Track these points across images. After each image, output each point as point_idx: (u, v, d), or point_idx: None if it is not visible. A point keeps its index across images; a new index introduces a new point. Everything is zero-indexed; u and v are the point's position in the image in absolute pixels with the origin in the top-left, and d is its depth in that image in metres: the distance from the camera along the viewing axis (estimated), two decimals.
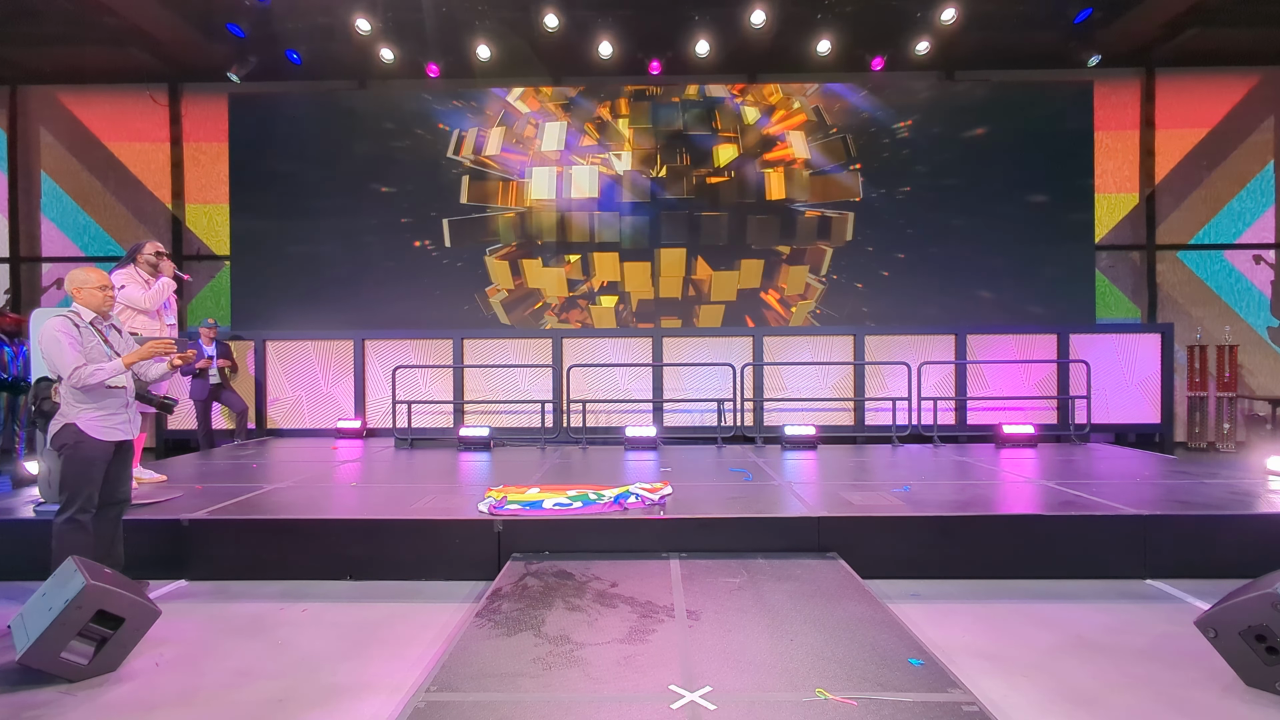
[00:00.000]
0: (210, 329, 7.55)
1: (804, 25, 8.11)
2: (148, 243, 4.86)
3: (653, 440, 6.83)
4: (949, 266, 8.78)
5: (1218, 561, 3.69)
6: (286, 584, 3.70)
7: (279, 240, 8.91)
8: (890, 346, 8.09)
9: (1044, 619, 3.18)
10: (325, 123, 8.96)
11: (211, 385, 7.46)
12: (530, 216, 8.96)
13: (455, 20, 7.98)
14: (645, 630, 2.74)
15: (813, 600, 3.04)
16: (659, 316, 8.97)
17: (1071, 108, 8.77)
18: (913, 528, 3.83)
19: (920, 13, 7.86)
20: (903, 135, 8.84)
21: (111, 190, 9.23)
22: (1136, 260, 9.08)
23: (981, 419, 7.92)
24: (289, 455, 6.55)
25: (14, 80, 9.05)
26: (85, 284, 3.33)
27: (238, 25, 7.94)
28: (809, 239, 8.89)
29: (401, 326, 8.58)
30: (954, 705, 2.12)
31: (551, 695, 2.23)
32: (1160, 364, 8.08)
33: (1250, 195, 8.97)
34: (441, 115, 8.98)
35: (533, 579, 3.34)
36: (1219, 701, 2.43)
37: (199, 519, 3.87)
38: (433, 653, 2.82)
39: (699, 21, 8.06)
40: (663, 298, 8.99)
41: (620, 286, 8.98)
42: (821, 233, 8.89)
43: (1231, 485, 4.69)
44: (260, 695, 2.52)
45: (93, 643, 2.63)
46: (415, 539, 3.82)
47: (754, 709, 2.13)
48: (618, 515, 3.91)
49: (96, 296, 3.33)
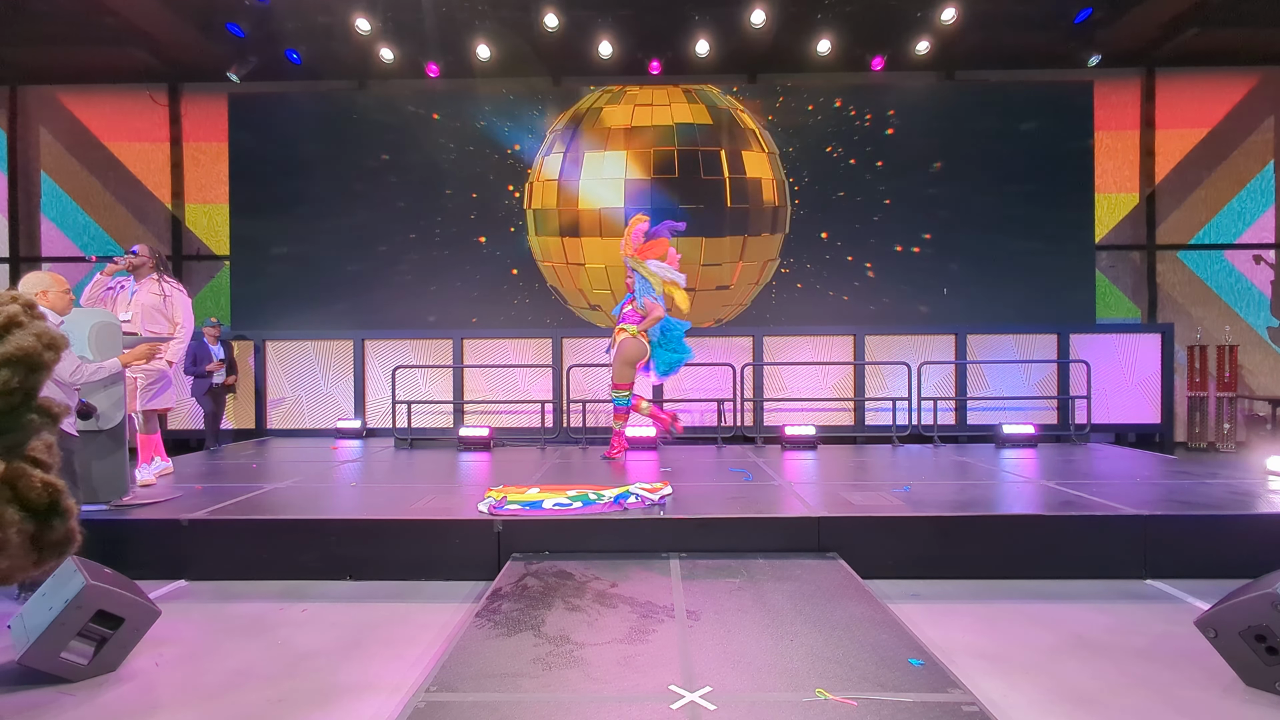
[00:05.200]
0: (214, 328, 7.55)
1: (804, 25, 8.10)
2: (136, 246, 4.97)
3: (653, 440, 6.83)
4: (949, 266, 8.78)
5: (1218, 561, 3.68)
6: (286, 584, 3.70)
7: (279, 240, 8.90)
8: (890, 346, 8.09)
9: (1044, 619, 3.18)
10: (325, 123, 8.96)
11: (214, 385, 7.46)
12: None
13: (455, 20, 7.98)
14: (645, 630, 2.74)
15: (813, 600, 3.04)
16: None
17: (1071, 108, 8.77)
18: (913, 528, 3.83)
19: (920, 13, 7.86)
20: (902, 135, 8.83)
21: (111, 190, 9.22)
22: (1136, 260, 9.08)
23: (981, 419, 7.93)
24: (289, 455, 6.55)
25: (14, 80, 9.05)
26: (52, 287, 3.54)
27: (238, 25, 7.94)
28: (802, 235, 8.89)
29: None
30: (954, 705, 2.12)
31: (551, 695, 2.23)
32: (1160, 364, 8.08)
33: (1250, 195, 8.97)
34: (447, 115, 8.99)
35: (533, 579, 3.34)
36: (1219, 701, 2.43)
37: (199, 519, 3.87)
38: (433, 653, 2.82)
39: (699, 21, 8.05)
40: None
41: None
42: (815, 231, 8.88)
43: (1231, 485, 4.69)
44: (260, 695, 2.52)
45: (93, 643, 2.63)
46: (415, 539, 3.82)
47: (754, 709, 2.13)
48: (618, 515, 3.91)
49: (63, 299, 3.56)
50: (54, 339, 1.44)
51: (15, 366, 1.32)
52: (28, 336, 1.36)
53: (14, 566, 1.42)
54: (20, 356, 1.33)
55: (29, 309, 1.46)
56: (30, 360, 1.35)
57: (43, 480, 1.41)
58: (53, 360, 1.42)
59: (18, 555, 1.41)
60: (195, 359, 7.36)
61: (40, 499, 1.40)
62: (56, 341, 1.45)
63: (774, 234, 8.92)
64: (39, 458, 1.43)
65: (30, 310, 1.46)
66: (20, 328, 1.38)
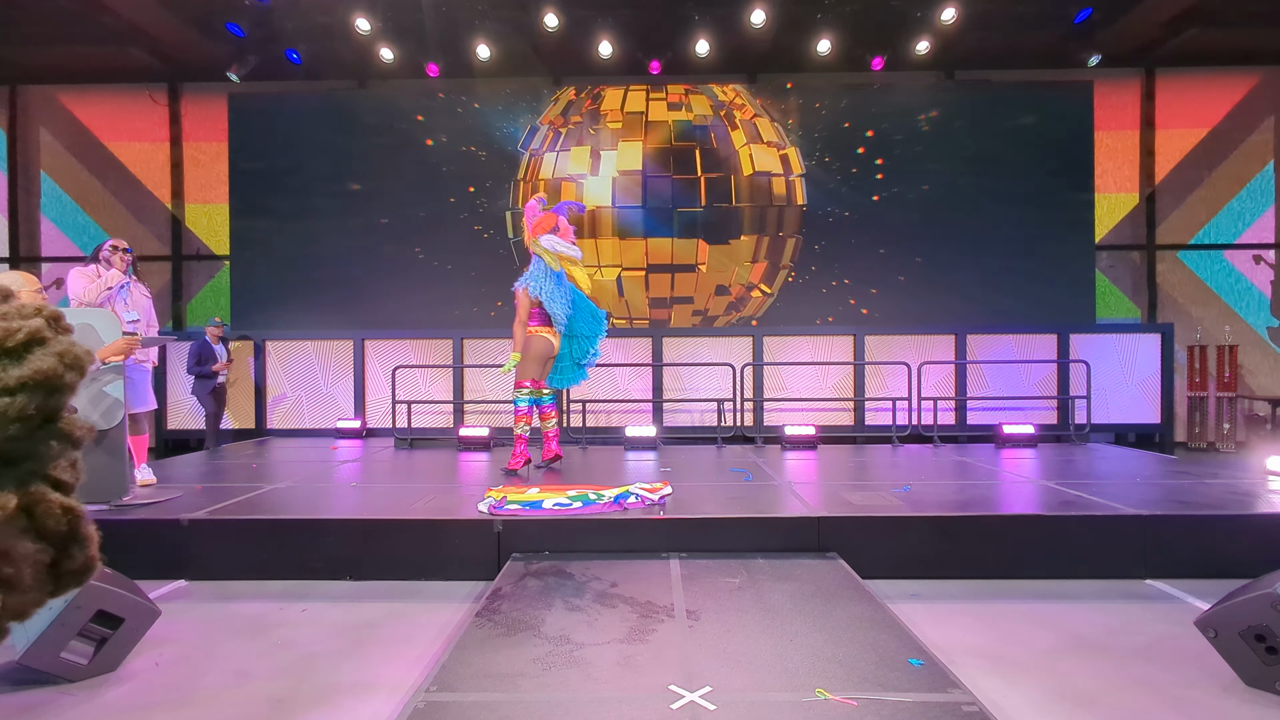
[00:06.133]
0: (217, 328, 7.55)
1: (804, 25, 8.11)
2: (109, 240, 4.84)
3: (653, 440, 6.83)
4: (949, 266, 8.78)
5: (1218, 561, 3.68)
6: (286, 584, 3.69)
7: (279, 240, 8.90)
8: (890, 346, 8.10)
9: (1044, 619, 3.18)
10: (325, 123, 8.96)
11: (216, 384, 7.46)
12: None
13: (455, 20, 7.98)
14: (645, 630, 2.74)
15: (813, 600, 3.03)
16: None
17: (1071, 108, 8.77)
18: (913, 528, 3.83)
19: (920, 13, 7.86)
20: (901, 135, 8.83)
21: (111, 190, 9.23)
22: (1136, 260, 9.08)
23: (981, 419, 7.93)
24: (289, 455, 6.55)
25: (14, 80, 9.05)
26: (24, 288, 3.45)
27: (237, 25, 7.94)
28: (801, 236, 8.89)
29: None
30: (954, 705, 2.12)
31: (551, 695, 2.23)
32: (1160, 364, 8.09)
33: (1250, 195, 8.97)
34: (447, 115, 8.99)
35: (532, 579, 3.34)
36: (1219, 701, 2.42)
37: (199, 519, 3.87)
38: (433, 653, 2.82)
39: (699, 21, 8.06)
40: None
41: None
42: (815, 232, 8.88)
43: (1231, 485, 4.69)
44: (260, 695, 2.52)
45: (92, 643, 2.63)
46: (415, 539, 3.81)
47: (754, 709, 2.13)
48: (618, 515, 3.91)
49: (36, 300, 3.45)
50: (77, 358, 1.31)
51: (33, 391, 1.21)
52: (48, 357, 1.24)
53: (28, 601, 1.30)
54: (40, 381, 1.22)
55: (54, 322, 1.32)
56: (50, 384, 1.23)
57: (62, 505, 1.30)
58: (75, 381, 1.30)
59: (33, 588, 1.30)
60: (200, 358, 7.36)
61: (59, 526, 1.29)
62: (80, 360, 1.31)
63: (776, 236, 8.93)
64: (61, 478, 1.32)
65: (56, 323, 1.33)
66: (43, 345, 1.26)
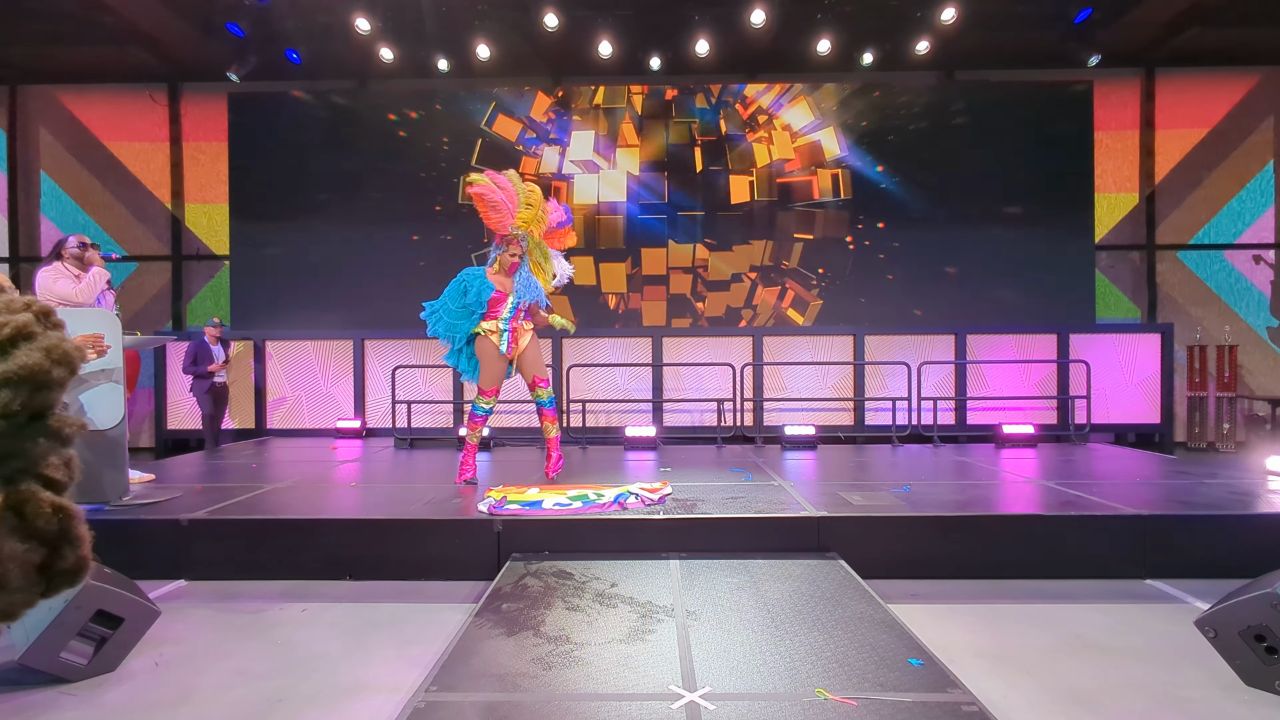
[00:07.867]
0: (216, 328, 7.55)
1: (804, 25, 8.10)
2: (71, 236, 4.80)
3: (652, 440, 6.83)
4: (948, 266, 8.78)
5: (1218, 561, 3.68)
6: (286, 584, 3.69)
7: (279, 240, 8.91)
8: (890, 346, 8.10)
9: (1044, 619, 3.18)
10: (325, 122, 8.96)
11: (216, 384, 7.46)
12: None
13: (455, 20, 7.98)
14: (645, 630, 2.74)
15: (813, 600, 3.04)
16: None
17: (1071, 108, 8.77)
18: (913, 528, 3.83)
19: (920, 12, 7.86)
20: (901, 135, 8.83)
21: (111, 190, 9.22)
22: (1136, 260, 9.08)
23: (981, 419, 7.93)
24: (288, 455, 6.55)
25: (14, 80, 9.05)
26: None
27: (237, 25, 7.94)
28: (808, 236, 8.89)
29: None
30: (954, 705, 2.12)
31: (551, 695, 2.23)
32: (1160, 364, 8.09)
33: (1250, 195, 8.97)
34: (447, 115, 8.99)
35: (532, 579, 3.34)
36: (1219, 701, 2.42)
37: (199, 519, 3.87)
38: (433, 653, 2.82)
39: (699, 21, 8.05)
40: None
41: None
42: (817, 231, 8.88)
43: (1231, 485, 4.69)
44: (260, 695, 2.52)
45: (92, 643, 2.63)
46: (415, 539, 3.81)
47: (754, 709, 2.13)
48: (618, 515, 3.91)
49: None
50: (67, 354, 1.29)
51: (18, 386, 1.19)
52: (35, 352, 1.23)
53: (16, 601, 1.29)
54: (24, 376, 1.20)
55: (44, 317, 1.31)
56: (36, 379, 1.22)
57: (53, 504, 1.28)
58: (65, 377, 1.28)
59: (22, 588, 1.29)
60: (196, 359, 7.35)
61: (49, 526, 1.28)
62: (70, 357, 1.30)
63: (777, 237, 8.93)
64: (53, 477, 1.30)
65: (46, 319, 1.32)
66: (30, 340, 1.24)
